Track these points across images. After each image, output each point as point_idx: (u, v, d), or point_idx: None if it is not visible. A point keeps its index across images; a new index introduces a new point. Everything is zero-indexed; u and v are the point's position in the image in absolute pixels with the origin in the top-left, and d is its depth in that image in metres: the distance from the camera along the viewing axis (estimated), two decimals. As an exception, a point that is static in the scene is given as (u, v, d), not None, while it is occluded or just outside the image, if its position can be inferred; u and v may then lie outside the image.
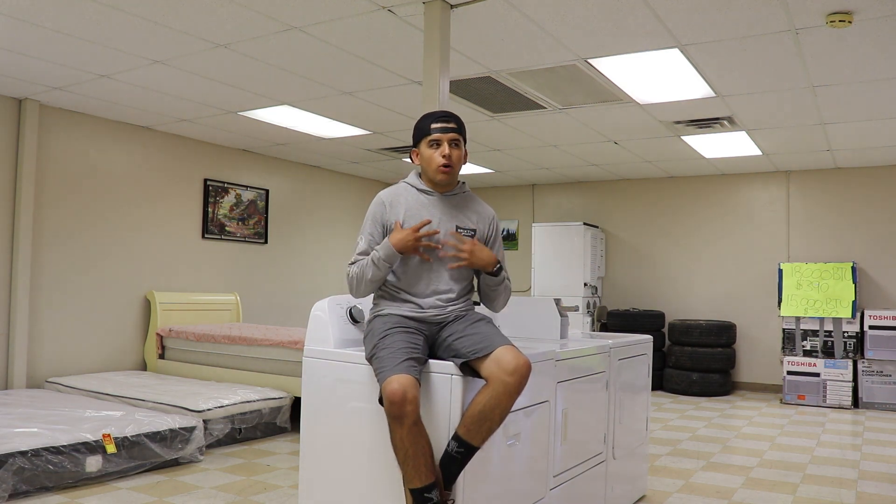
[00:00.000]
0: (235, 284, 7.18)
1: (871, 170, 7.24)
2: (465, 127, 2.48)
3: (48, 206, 5.61)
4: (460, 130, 2.43)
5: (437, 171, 2.39)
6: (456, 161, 2.41)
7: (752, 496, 3.69)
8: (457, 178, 2.50)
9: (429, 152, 2.40)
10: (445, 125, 2.40)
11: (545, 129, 6.04)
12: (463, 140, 2.45)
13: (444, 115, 2.44)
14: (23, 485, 3.39)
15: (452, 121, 2.42)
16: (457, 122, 2.43)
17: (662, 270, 8.25)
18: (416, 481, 2.10)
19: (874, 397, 6.57)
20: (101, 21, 3.78)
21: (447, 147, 2.39)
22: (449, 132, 2.40)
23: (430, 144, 2.40)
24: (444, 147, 2.38)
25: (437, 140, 2.39)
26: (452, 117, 2.44)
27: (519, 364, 2.13)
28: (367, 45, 4.07)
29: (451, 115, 2.45)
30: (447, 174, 2.40)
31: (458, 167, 2.44)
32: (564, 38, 3.91)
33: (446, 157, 2.38)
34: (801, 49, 3.95)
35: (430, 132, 2.40)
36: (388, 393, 2.06)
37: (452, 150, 2.40)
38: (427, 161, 2.41)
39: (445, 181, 2.42)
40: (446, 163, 2.38)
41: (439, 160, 2.38)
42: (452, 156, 2.39)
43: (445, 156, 2.38)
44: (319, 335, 2.54)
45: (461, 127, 2.45)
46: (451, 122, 2.42)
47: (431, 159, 2.40)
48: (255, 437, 4.79)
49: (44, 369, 5.56)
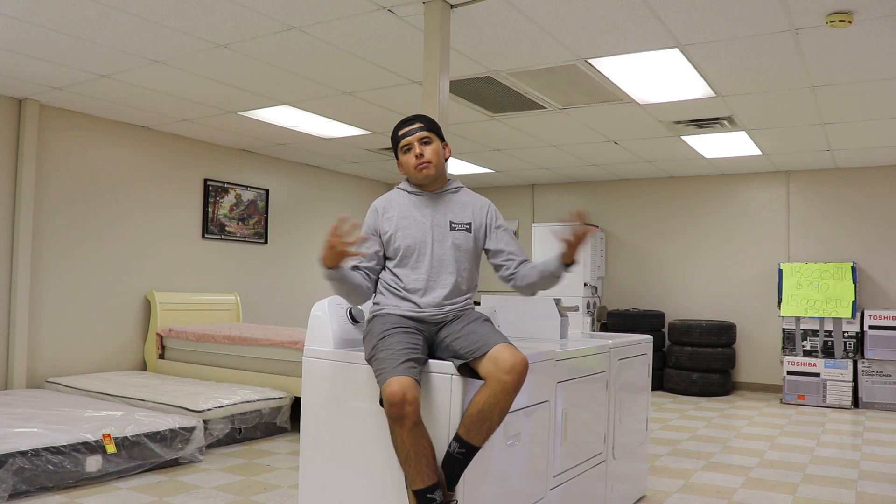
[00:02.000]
0: (235, 284, 7.18)
1: (871, 170, 7.24)
2: (434, 122, 2.51)
3: (48, 206, 5.61)
4: (429, 127, 2.46)
5: (416, 170, 2.43)
6: (432, 156, 2.43)
7: (752, 496, 3.69)
8: (443, 173, 2.51)
9: (405, 158, 2.46)
10: (410, 127, 2.45)
11: (545, 129, 6.04)
12: (436, 135, 2.47)
13: (409, 118, 2.48)
14: (23, 485, 3.39)
15: (417, 121, 2.46)
16: (422, 121, 2.47)
17: (662, 270, 8.25)
18: (419, 482, 2.10)
19: (874, 397, 6.57)
20: (101, 21, 3.79)
21: (418, 146, 2.42)
22: (415, 132, 2.44)
23: (404, 150, 2.46)
24: (416, 147, 2.42)
25: (407, 144, 2.44)
26: (417, 118, 2.48)
27: (516, 362, 2.13)
28: (367, 45, 4.07)
29: (415, 116, 2.50)
30: (426, 169, 2.43)
31: (437, 160, 2.45)
32: (564, 38, 3.91)
33: (419, 157, 2.41)
34: (801, 49, 3.95)
35: (399, 139, 2.46)
36: (388, 395, 2.06)
37: (424, 147, 2.43)
38: (406, 167, 2.46)
39: (428, 177, 2.45)
40: (421, 161, 2.41)
41: (413, 161, 2.43)
42: (426, 152, 2.42)
43: (418, 155, 2.41)
44: (319, 335, 2.55)
45: (429, 123, 2.48)
46: (415, 122, 2.46)
47: (408, 163, 2.45)
48: (255, 437, 4.79)
49: (44, 369, 5.56)
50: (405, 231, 2.42)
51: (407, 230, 2.42)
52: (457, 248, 2.44)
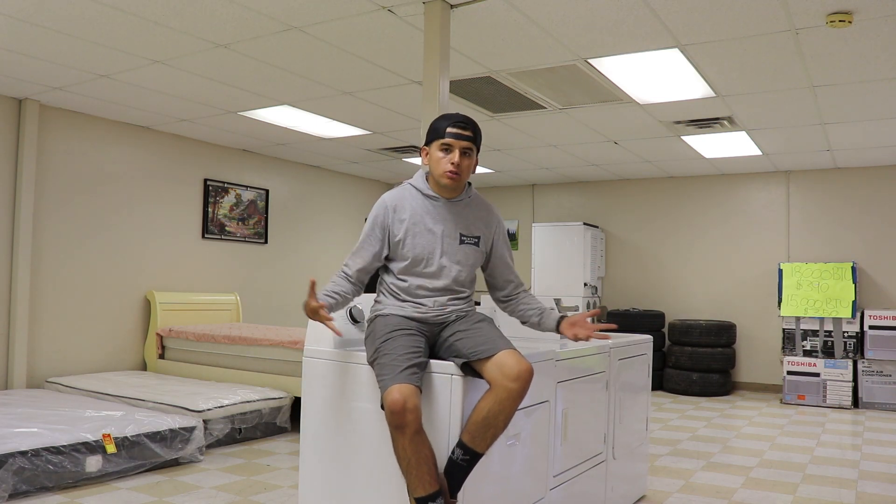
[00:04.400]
0: (235, 284, 7.18)
1: (871, 170, 7.24)
2: (480, 136, 2.42)
3: (48, 205, 5.61)
4: (475, 140, 2.37)
5: (443, 175, 2.34)
6: (465, 170, 2.35)
7: (752, 496, 3.69)
8: (464, 185, 2.46)
9: (438, 155, 2.35)
10: (461, 132, 2.33)
11: (545, 129, 6.04)
12: (476, 150, 2.40)
13: (463, 120, 2.36)
14: (23, 485, 3.39)
15: (469, 128, 2.35)
16: (473, 131, 2.36)
17: (662, 270, 8.25)
18: (420, 490, 2.10)
19: (874, 397, 6.57)
20: (101, 21, 3.79)
21: (458, 155, 2.32)
22: (463, 139, 2.33)
23: (442, 147, 2.34)
24: (455, 154, 2.32)
25: (448, 145, 2.33)
26: (470, 125, 2.37)
27: (522, 370, 2.13)
28: (367, 45, 4.07)
29: (469, 122, 2.37)
30: (454, 181, 2.35)
31: (466, 176, 2.39)
32: (564, 38, 3.91)
33: (455, 165, 2.32)
34: (801, 49, 3.95)
35: (444, 135, 2.33)
36: (389, 402, 2.07)
37: (463, 158, 2.33)
38: (435, 163, 2.37)
39: (451, 187, 2.38)
40: (454, 170, 2.33)
41: (447, 166, 2.33)
42: (462, 164, 2.33)
43: (454, 163, 2.32)
44: (319, 335, 2.54)
45: (477, 136, 2.39)
46: (467, 129, 2.35)
47: (440, 163, 2.35)
48: (255, 437, 4.79)
49: (44, 369, 5.56)
50: (414, 240, 2.37)
51: (416, 238, 2.37)
52: (464, 260, 2.43)
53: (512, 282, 2.58)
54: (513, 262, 2.61)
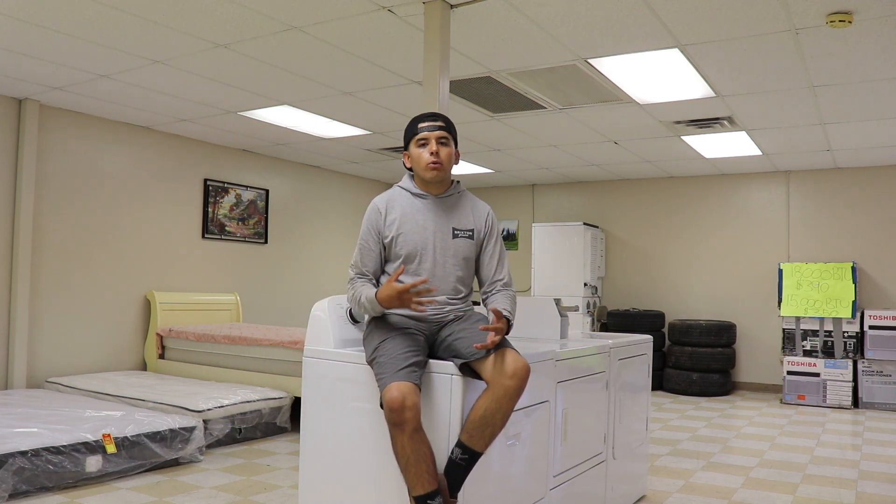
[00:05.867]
0: (235, 284, 7.18)
1: (871, 170, 7.24)
2: (453, 126, 2.49)
3: (48, 206, 5.61)
4: (448, 129, 2.44)
5: (426, 168, 2.38)
6: (445, 159, 2.40)
7: (752, 496, 3.69)
8: (449, 177, 2.49)
9: (417, 151, 2.41)
10: (432, 123, 2.41)
11: (545, 129, 6.04)
12: (452, 139, 2.45)
13: (431, 114, 2.46)
14: (23, 485, 3.39)
15: (439, 119, 2.44)
16: (444, 121, 2.44)
17: (662, 270, 8.25)
18: (419, 488, 2.10)
19: (874, 397, 6.57)
20: (101, 21, 3.79)
21: (435, 144, 2.38)
22: (436, 130, 2.40)
23: (419, 144, 2.41)
24: (432, 144, 2.38)
25: (424, 139, 2.40)
26: (440, 116, 2.45)
27: (518, 367, 2.13)
28: (367, 45, 4.07)
29: (438, 114, 2.48)
30: (436, 170, 2.38)
31: (448, 165, 2.43)
32: (564, 38, 3.91)
33: (434, 154, 2.37)
34: (801, 49, 3.95)
35: (417, 132, 2.41)
36: (388, 400, 2.07)
37: (441, 147, 2.39)
38: (416, 160, 2.41)
39: (436, 178, 2.41)
40: (434, 160, 2.37)
41: (427, 157, 2.37)
42: (441, 153, 2.38)
43: (433, 153, 2.37)
44: (319, 335, 2.54)
45: (449, 125, 2.45)
46: (437, 120, 2.43)
47: (420, 158, 2.39)
48: (255, 437, 4.79)
49: (44, 369, 5.56)
50: (406, 237, 2.38)
51: (408, 236, 2.39)
52: (458, 254, 2.43)
53: (500, 280, 2.51)
54: (505, 262, 2.55)
